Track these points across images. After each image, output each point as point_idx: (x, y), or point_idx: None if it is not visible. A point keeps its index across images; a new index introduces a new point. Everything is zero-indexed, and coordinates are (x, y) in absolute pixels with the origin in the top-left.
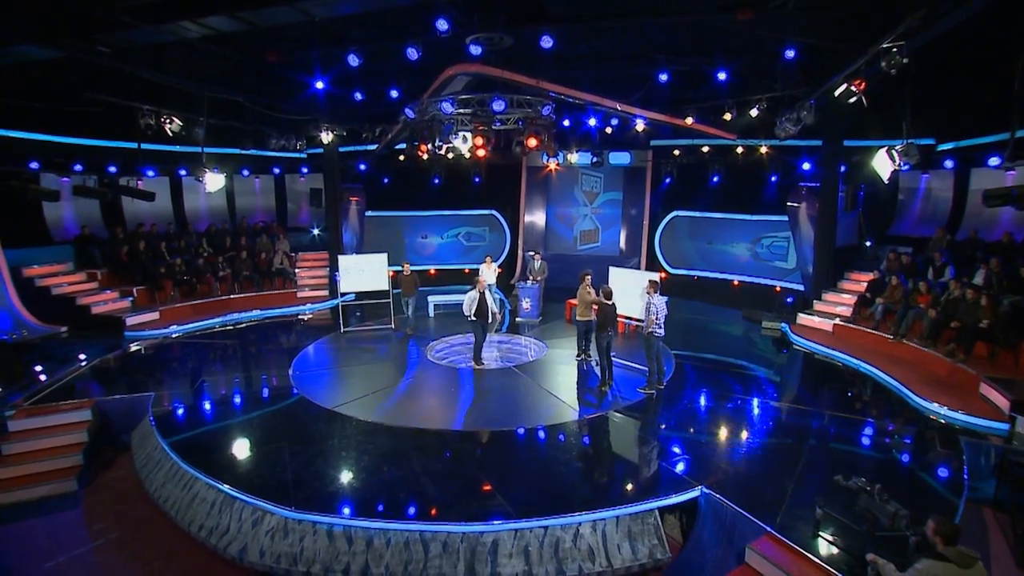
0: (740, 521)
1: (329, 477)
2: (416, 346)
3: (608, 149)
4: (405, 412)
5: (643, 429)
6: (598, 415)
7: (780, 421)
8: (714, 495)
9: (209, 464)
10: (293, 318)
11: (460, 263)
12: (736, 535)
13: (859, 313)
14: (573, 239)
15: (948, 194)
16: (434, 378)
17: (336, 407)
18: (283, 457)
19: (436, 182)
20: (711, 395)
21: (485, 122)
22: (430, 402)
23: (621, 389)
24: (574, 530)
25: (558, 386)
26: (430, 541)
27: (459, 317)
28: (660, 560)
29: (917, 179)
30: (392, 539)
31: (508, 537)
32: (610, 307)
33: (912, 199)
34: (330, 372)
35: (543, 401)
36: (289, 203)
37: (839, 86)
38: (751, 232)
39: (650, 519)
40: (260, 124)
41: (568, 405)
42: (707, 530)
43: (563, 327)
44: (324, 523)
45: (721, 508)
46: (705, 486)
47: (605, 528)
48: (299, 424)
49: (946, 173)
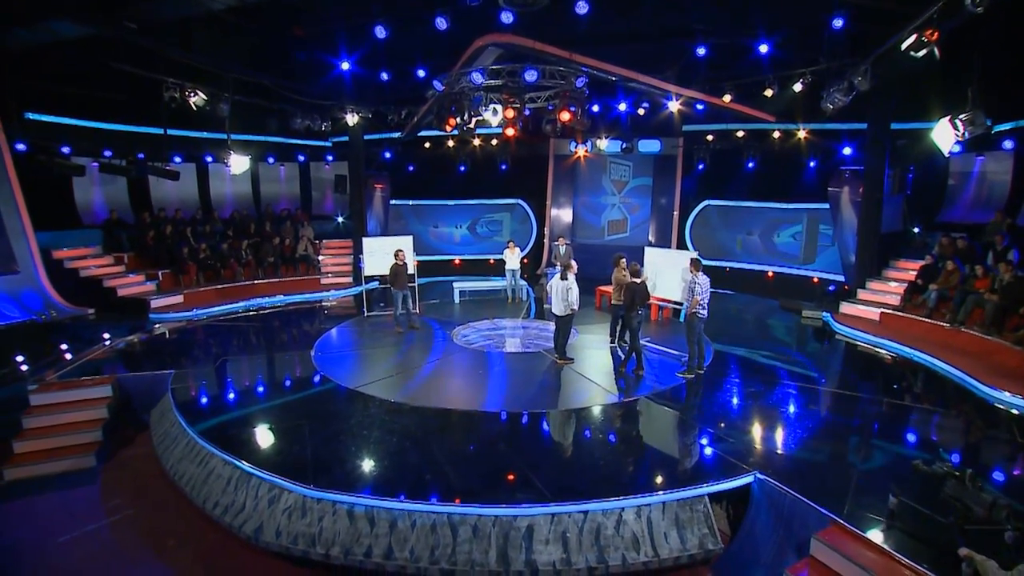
0: (801, 510)
1: (351, 456)
2: (441, 330)
3: (638, 137)
4: (431, 393)
5: (685, 413)
6: (636, 399)
7: (833, 408)
8: (770, 481)
9: (226, 440)
10: (316, 304)
11: (485, 253)
12: (796, 525)
13: (910, 300)
14: (601, 228)
15: (1006, 177)
16: (461, 360)
17: (359, 387)
18: (303, 435)
19: (462, 170)
20: (755, 381)
21: (516, 93)
22: (458, 383)
23: (658, 374)
24: (616, 516)
25: (592, 370)
26: (459, 525)
27: (485, 304)
28: (711, 551)
29: (971, 162)
30: (418, 521)
31: (544, 522)
32: (639, 286)
33: (964, 183)
34: (353, 354)
35: (576, 384)
36: (314, 191)
37: (907, 38)
38: (788, 220)
39: (699, 506)
40: (284, 104)
41: (603, 388)
42: (761, 520)
43: (592, 314)
44: (345, 502)
45: (778, 496)
46: (760, 471)
47: (651, 514)
48: (320, 403)
49: (1004, 155)
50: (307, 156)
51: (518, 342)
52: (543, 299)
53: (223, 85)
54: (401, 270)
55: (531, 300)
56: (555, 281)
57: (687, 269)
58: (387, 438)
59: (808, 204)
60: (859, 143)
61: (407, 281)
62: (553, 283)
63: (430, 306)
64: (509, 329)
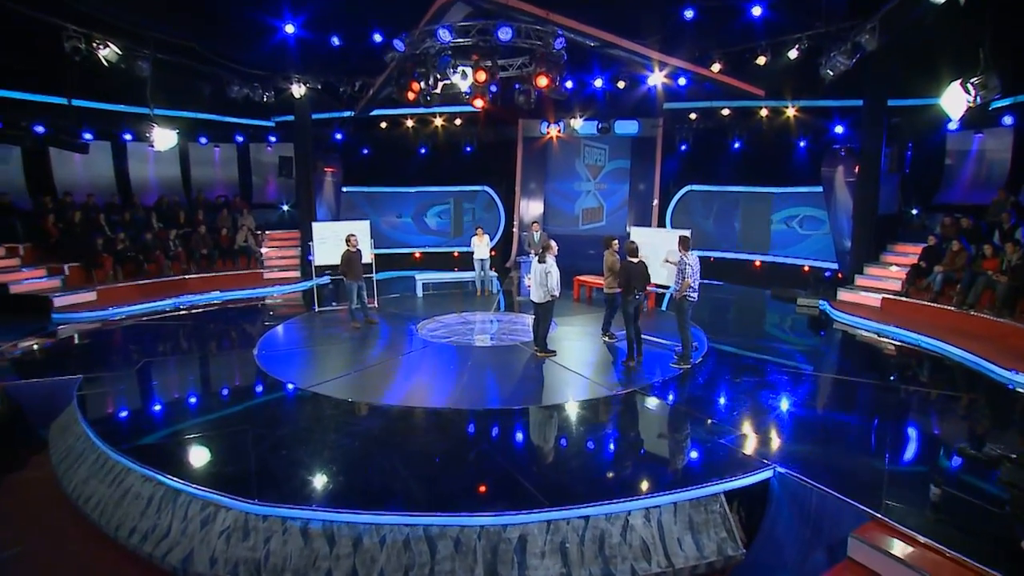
0: (832, 507)
1: (304, 464)
2: (405, 325)
3: (615, 117)
4: (398, 391)
5: (687, 405)
6: (631, 391)
7: (846, 397)
8: (791, 475)
9: (147, 453)
10: (259, 301)
11: (450, 246)
12: (826, 524)
13: (913, 284)
14: (575, 217)
15: (1006, 155)
16: (430, 356)
17: (312, 387)
18: (244, 443)
19: (423, 153)
20: (757, 371)
21: (487, 54)
22: (428, 380)
23: (649, 366)
24: (622, 521)
25: (578, 363)
26: (438, 539)
27: (451, 298)
28: (731, 558)
29: (969, 140)
30: (388, 536)
31: (539, 531)
32: (637, 266)
33: (962, 162)
34: (304, 351)
35: (561, 378)
36: (254, 176)
37: None
38: (776, 206)
39: (715, 506)
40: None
41: (593, 381)
42: (783, 520)
43: (571, 305)
44: (297, 518)
45: (803, 492)
46: (780, 464)
47: (661, 518)
48: (265, 406)
49: (1003, 131)
50: (246, 137)
51: (492, 335)
52: (514, 291)
53: (143, 43)
54: (355, 257)
55: (501, 293)
56: (533, 264)
57: (674, 251)
58: (347, 442)
59: (799, 187)
60: (852, 121)
61: (362, 271)
62: (533, 266)
63: (389, 301)
64: (481, 323)
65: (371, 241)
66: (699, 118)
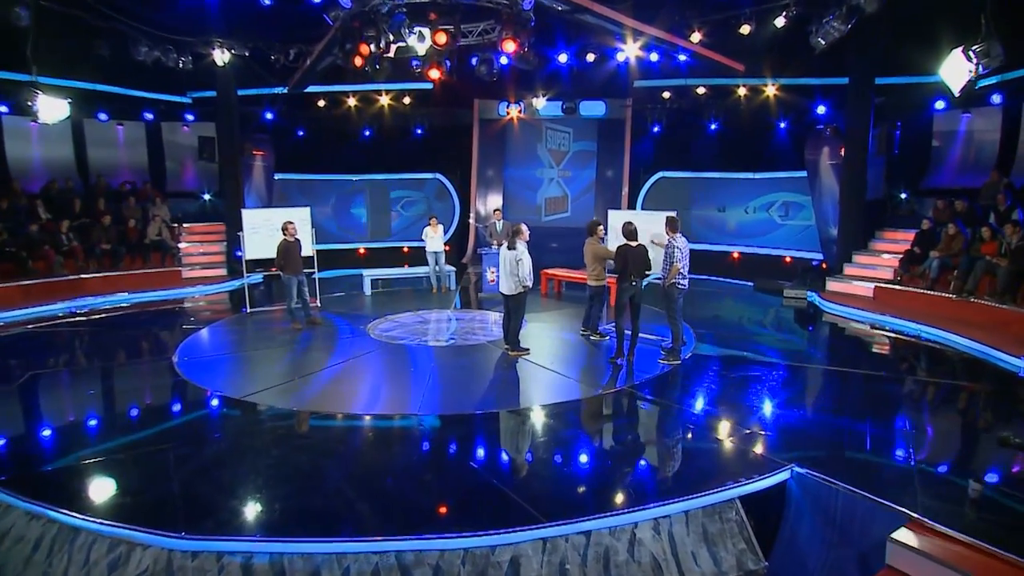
0: (862, 508)
1: (242, 486)
2: (353, 325)
3: (580, 97)
4: (353, 397)
5: (684, 404)
6: (619, 390)
7: (855, 391)
8: (812, 475)
9: (31, 484)
10: (177, 303)
11: (397, 240)
12: (856, 528)
13: (907, 272)
14: (537, 207)
15: (995, 135)
16: (386, 357)
17: (247, 396)
18: (164, 465)
19: (367, 135)
20: (755, 366)
21: (448, 13)
22: (386, 384)
23: (635, 362)
24: (629, 535)
25: (557, 361)
26: (413, 566)
27: (404, 296)
28: (753, 571)
29: (956, 120)
30: (352, 568)
31: (534, 551)
32: (636, 249)
33: (950, 144)
34: (235, 357)
35: (542, 378)
36: (168, 160)
37: None
38: (754, 193)
39: (731, 513)
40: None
41: (577, 381)
42: (805, 526)
43: (539, 300)
44: (237, 552)
45: (826, 493)
46: (797, 464)
47: (672, 529)
48: (189, 420)
49: (992, 111)
50: (157, 114)
51: (455, 335)
52: (473, 287)
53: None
54: (293, 248)
55: (459, 289)
56: (502, 252)
57: (660, 234)
58: (296, 458)
59: (779, 172)
60: (835, 101)
61: (302, 264)
62: (501, 255)
63: (334, 300)
64: (441, 321)
65: (312, 231)
66: (672, 97)
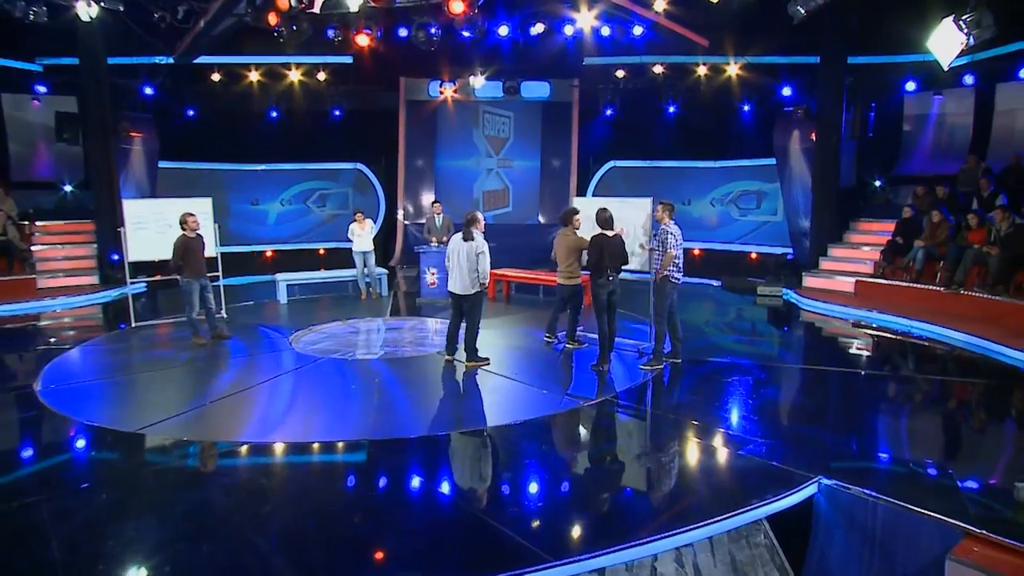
0: (907, 523)
1: (146, 545)
2: (271, 338)
3: (522, 77)
4: (286, 423)
5: (679, 414)
6: (605, 400)
7: (858, 393)
8: (843, 488)
9: None
10: (32, 320)
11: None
12: (901, 546)
13: (890, 263)
14: (474, 202)
15: (968, 119)
16: (319, 375)
17: (143, 429)
18: (35, 522)
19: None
20: (747, 370)
21: None
22: (327, 406)
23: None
24: (648, 569)
25: (524, 372)
26: None
27: (327, 303)
28: None
29: (928, 103)
30: None
31: None
32: (612, 240)
33: (922, 128)
34: (123, 381)
35: (511, 391)
36: (13, 142)
37: None
38: (717, 183)
39: (759, 537)
40: None
41: (553, 393)
42: (837, 545)
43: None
44: None
45: (862, 508)
46: (825, 476)
47: (697, 559)
48: (64, 463)
49: (965, 92)
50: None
51: (397, 345)
52: (400, 292)
53: None
54: (194, 245)
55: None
56: (455, 244)
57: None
58: (217, 503)
59: (743, 160)
60: (802, 82)
61: (205, 265)
62: (454, 248)
63: (243, 310)
64: (376, 330)
65: (215, 227)
66: (627, 77)
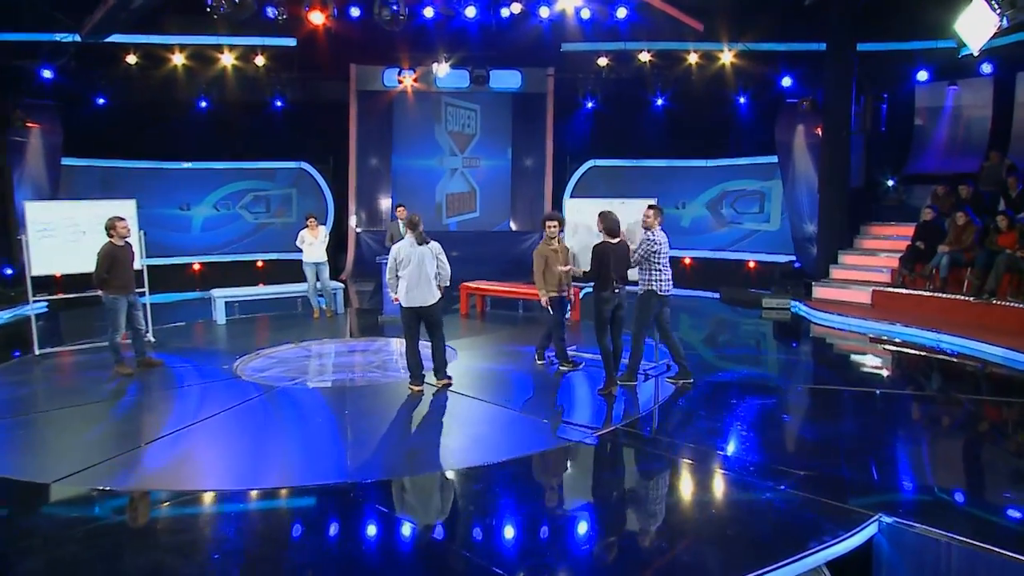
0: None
1: None
2: (211, 365)
3: (491, 65)
4: (241, 466)
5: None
6: (612, 430)
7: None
8: (907, 526)
9: None
10: None
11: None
12: None
13: (910, 271)
14: (436, 206)
15: (986, 111)
16: (274, 407)
17: (59, 480)
18: None
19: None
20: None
21: None
22: (290, 444)
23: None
24: None
25: (515, 399)
26: None
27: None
28: None
29: (942, 94)
30: None
31: None
32: (619, 247)
33: (935, 122)
34: (28, 420)
35: (505, 421)
36: None
37: None
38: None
39: None
40: None
41: (557, 423)
42: None
43: (458, 323)
44: None
45: (932, 548)
46: (885, 513)
47: None
48: None
49: (982, 82)
50: None
51: (361, 370)
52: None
53: None
54: (123, 255)
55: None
56: (410, 251)
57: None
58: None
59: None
60: (804, 71)
61: (134, 279)
62: (408, 255)
63: (173, 332)
64: (334, 354)
65: (141, 235)
66: (609, 65)
